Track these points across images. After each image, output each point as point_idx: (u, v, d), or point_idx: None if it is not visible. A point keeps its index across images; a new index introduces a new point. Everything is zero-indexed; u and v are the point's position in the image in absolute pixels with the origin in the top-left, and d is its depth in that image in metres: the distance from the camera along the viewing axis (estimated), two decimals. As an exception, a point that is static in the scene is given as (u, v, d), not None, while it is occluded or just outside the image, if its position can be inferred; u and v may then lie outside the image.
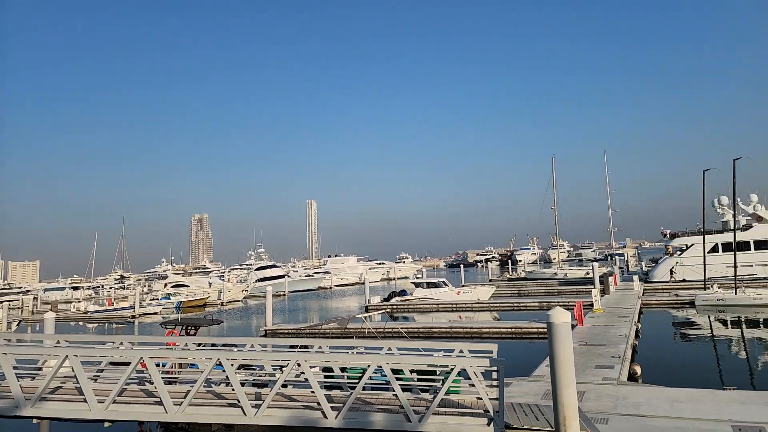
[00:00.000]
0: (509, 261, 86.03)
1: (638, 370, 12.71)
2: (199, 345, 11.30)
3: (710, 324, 22.99)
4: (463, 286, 41.08)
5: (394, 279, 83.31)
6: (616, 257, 66.78)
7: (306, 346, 10.90)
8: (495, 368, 8.15)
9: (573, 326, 18.31)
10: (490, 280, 55.65)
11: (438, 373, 8.76)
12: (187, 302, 47.15)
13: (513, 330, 20.99)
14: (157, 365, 9.20)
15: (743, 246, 36.95)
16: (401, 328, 21.58)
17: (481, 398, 8.05)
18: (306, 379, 8.43)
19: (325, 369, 9.92)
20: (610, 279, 33.64)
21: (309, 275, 71.53)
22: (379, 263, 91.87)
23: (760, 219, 39.26)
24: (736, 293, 27.23)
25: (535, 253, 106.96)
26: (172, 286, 56.27)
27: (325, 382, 9.13)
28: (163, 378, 8.46)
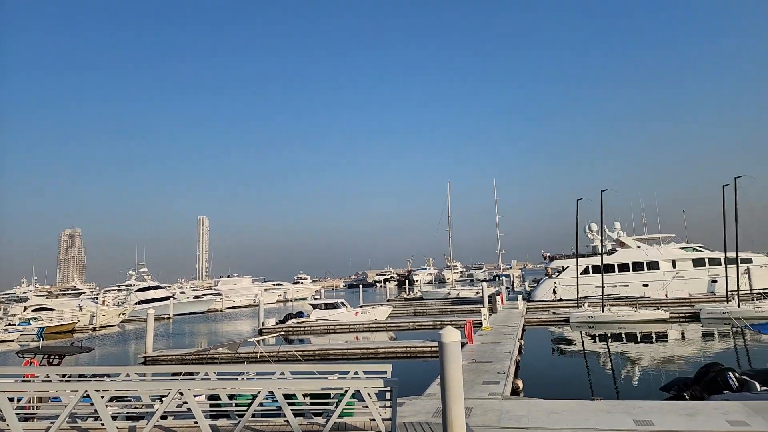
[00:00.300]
0: (406, 281, 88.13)
1: (520, 384, 13.51)
2: (64, 376, 10.03)
3: (582, 339, 25.22)
4: (361, 306, 41.22)
5: (291, 300, 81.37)
6: (504, 278, 71.33)
7: (191, 374, 10.14)
8: (389, 389, 8.20)
9: (463, 344, 19.20)
10: (388, 300, 56.53)
11: (332, 395, 8.60)
12: (52, 328, 42.11)
13: (408, 350, 21.36)
14: (11, 400, 7.99)
15: (609, 268, 41.44)
16: (296, 351, 21.02)
17: (374, 419, 8.03)
18: (189, 409, 7.81)
19: (212, 397, 9.28)
20: (498, 298, 35.76)
21: (198, 297, 67.18)
22: (276, 284, 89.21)
23: (622, 244, 44.39)
24: (603, 311, 30.33)
25: (431, 273, 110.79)
26: (33, 310, 50.04)
27: (210, 411, 8.54)
28: (18, 414, 7.36)
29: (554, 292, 42.46)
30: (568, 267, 43.14)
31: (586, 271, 41.17)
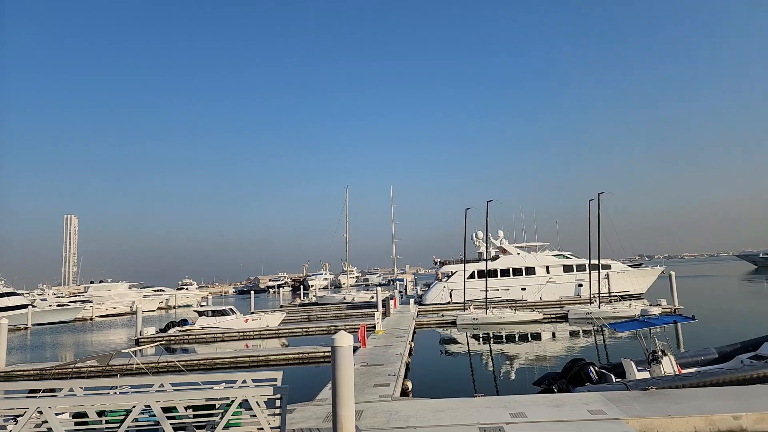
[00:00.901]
0: (301, 286, 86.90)
1: (410, 385, 13.92)
2: None
3: (467, 340, 26.67)
4: (252, 312, 39.88)
5: (175, 308, 76.23)
6: (397, 282, 73.30)
7: (53, 390, 9.04)
8: (278, 396, 8.01)
9: (356, 348, 19.37)
10: (281, 306, 55.30)
11: (218, 406, 8.18)
12: None
13: (301, 355, 21.03)
14: None
15: (493, 273, 44.47)
16: (178, 362, 19.69)
17: (262, 428, 7.77)
18: (50, 429, 6.95)
19: (78, 415, 8.34)
20: (391, 302, 36.64)
21: (63, 305, 60.17)
22: (157, 290, 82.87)
23: (504, 251, 47.83)
24: (486, 313, 32.40)
25: (326, 278, 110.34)
26: None
27: (76, 430, 7.67)
28: None
29: (451, 296, 44.25)
30: (456, 272, 45.51)
31: (472, 276, 43.71)
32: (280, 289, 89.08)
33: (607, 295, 38.79)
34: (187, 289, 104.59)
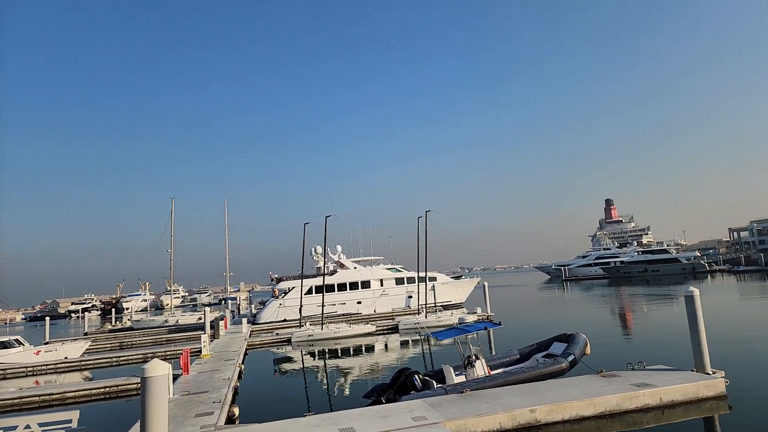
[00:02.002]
0: (113, 309, 76.81)
1: (236, 411, 13.05)
2: None
3: (302, 358, 26.27)
4: (46, 343, 33.90)
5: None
6: (230, 301, 69.48)
7: None
8: (71, 440, 6.81)
9: (177, 376, 17.61)
10: (86, 334, 48.04)
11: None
12: None
13: (108, 389, 18.33)
14: None
15: (330, 288, 44.90)
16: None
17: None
18: None
19: None
20: (221, 323, 34.42)
21: None
22: None
23: (342, 266, 48.73)
24: (322, 329, 32.41)
25: (146, 300, 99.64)
26: None
27: None
28: None
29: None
30: (293, 288, 44.88)
31: (310, 292, 43.55)
32: (86, 313, 77.60)
33: (433, 305, 41.98)
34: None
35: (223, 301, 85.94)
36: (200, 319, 46.50)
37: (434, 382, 13.12)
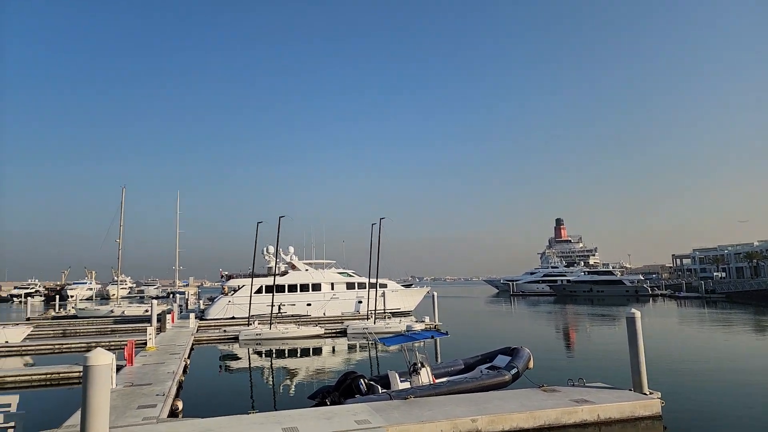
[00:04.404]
0: (58, 296, 73.48)
1: (180, 405, 13.00)
2: None
3: (249, 356, 26.09)
4: (-17, 326, 32.19)
5: None
6: (178, 295, 67.66)
7: None
8: (11, 424, 6.83)
9: (121, 367, 17.28)
10: (28, 319, 45.87)
11: None
12: None
13: (49, 376, 17.81)
14: None
15: (281, 288, 44.64)
16: None
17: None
18: None
19: None
20: (168, 317, 33.67)
21: None
22: None
23: (294, 267, 48.53)
24: (271, 328, 32.24)
25: (91, 289, 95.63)
26: None
27: None
28: None
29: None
30: (243, 286, 44.36)
31: (260, 291, 43.13)
32: (29, 298, 73.84)
33: (383, 311, 42.42)
34: None
35: (171, 295, 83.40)
36: (147, 311, 45.23)
37: (379, 387, 13.47)
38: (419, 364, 14.13)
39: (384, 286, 48.03)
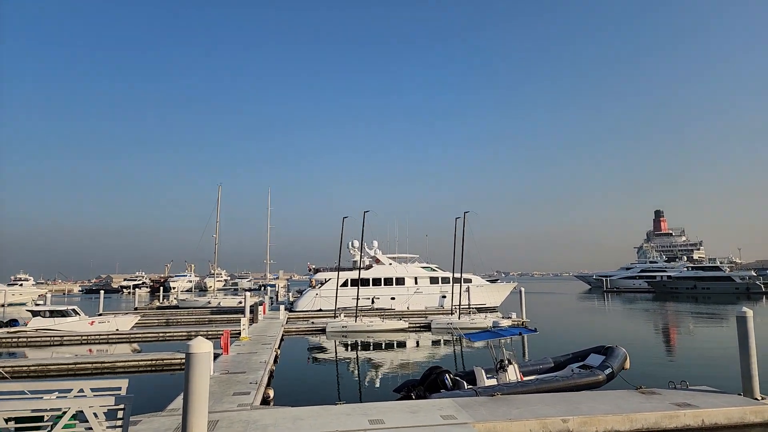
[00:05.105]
0: (162, 288, 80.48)
1: (271, 393, 13.57)
2: None
3: (335, 348, 26.80)
4: (100, 314, 35.95)
5: (4, 306, 66.02)
6: (269, 288, 71.32)
7: None
8: (121, 406, 7.33)
9: (218, 355, 18.41)
10: (136, 309, 50.65)
11: (47, 419, 7.24)
12: None
13: (154, 362, 19.42)
14: None
15: (365, 282, 45.41)
16: (1, 368, 17.01)
17: (98, 443, 7.01)
18: None
19: None
20: (260, 308, 35.51)
21: None
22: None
23: (378, 261, 49.15)
24: (356, 321, 32.90)
25: (191, 281, 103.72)
26: None
27: None
28: None
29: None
30: (330, 279, 45.66)
31: (345, 284, 44.19)
32: (137, 289, 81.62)
33: (467, 306, 41.72)
34: (20, 284, 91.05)
35: (262, 288, 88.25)
36: (241, 303, 48.04)
37: (465, 382, 13.18)
38: (506, 361, 13.64)
39: (468, 281, 47.25)
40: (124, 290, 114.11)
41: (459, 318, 34.77)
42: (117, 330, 29.71)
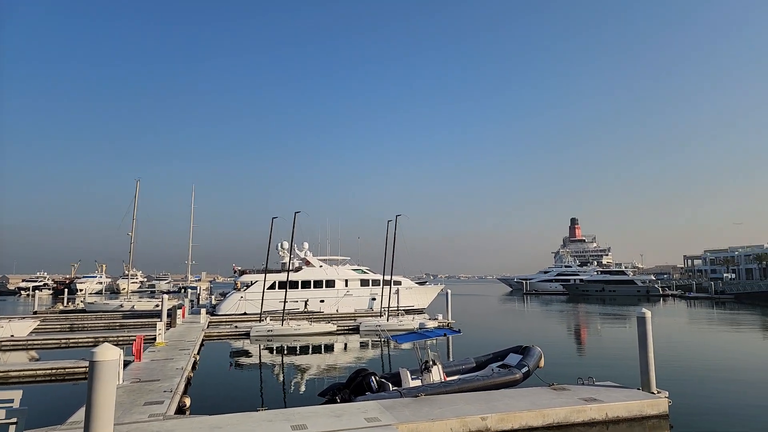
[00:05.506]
0: (66, 290, 74.27)
1: (188, 402, 12.86)
2: None
3: (260, 352, 25.99)
4: (-7, 320, 32.49)
5: None
6: (190, 290, 68.00)
7: None
8: (13, 420, 6.64)
9: (129, 362, 17.21)
10: (35, 313, 46.30)
11: None
12: None
13: (54, 371, 17.77)
14: None
15: (294, 284, 44.56)
16: None
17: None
18: None
19: None
20: (179, 312, 33.74)
21: None
22: None
23: (308, 263, 48.41)
24: (282, 324, 32.15)
25: (101, 282, 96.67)
26: None
27: None
28: None
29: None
30: (256, 281, 44.33)
31: (273, 287, 43.08)
32: (37, 291, 74.59)
33: (396, 309, 42.15)
34: None
35: (182, 290, 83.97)
36: (157, 306, 45.45)
37: (390, 384, 13.23)
38: (431, 362, 13.86)
39: (398, 283, 47.72)
40: (22, 292, 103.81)
41: (387, 320, 35.01)
42: (11, 336, 26.98)
